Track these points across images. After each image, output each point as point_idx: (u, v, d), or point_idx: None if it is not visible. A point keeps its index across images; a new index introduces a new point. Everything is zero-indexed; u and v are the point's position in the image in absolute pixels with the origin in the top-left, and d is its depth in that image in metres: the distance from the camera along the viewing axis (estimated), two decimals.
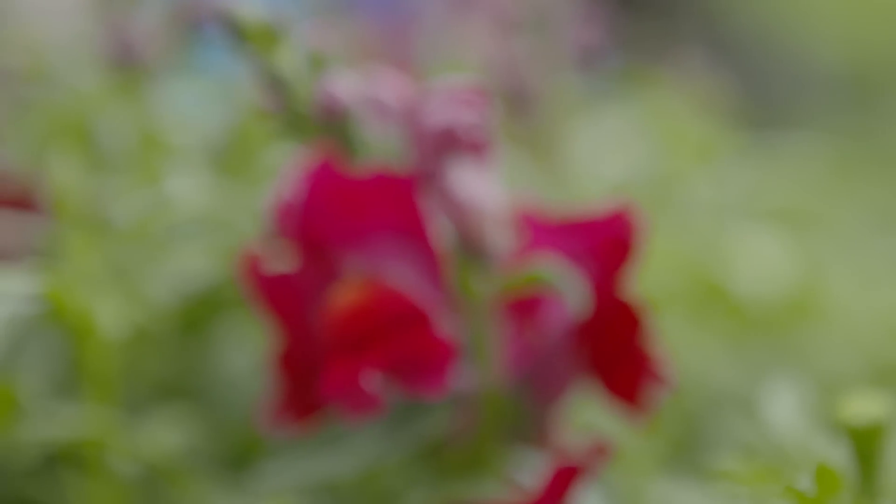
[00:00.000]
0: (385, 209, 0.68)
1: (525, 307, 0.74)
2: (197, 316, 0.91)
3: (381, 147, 0.72)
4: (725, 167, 1.26)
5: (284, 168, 0.75)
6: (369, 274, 0.68)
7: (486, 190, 0.72)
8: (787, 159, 1.45)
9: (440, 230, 0.71)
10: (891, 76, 3.32)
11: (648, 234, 0.73)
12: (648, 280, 0.82)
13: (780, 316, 1.10)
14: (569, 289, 0.69)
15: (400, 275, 0.69)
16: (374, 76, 0.74)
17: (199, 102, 0.98)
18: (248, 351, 0.93)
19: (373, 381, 0.66)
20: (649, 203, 1.11)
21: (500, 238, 0.72)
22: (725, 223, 1.22)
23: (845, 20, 3.59)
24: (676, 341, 0.90)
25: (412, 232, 0.69)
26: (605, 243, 0.71)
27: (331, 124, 0.70)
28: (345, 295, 0.68)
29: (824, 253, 1.27)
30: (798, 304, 1.10)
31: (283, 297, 0.72)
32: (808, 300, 1.11)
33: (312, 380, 0.73)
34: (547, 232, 0.74)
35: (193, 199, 0.82)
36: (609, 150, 1.05)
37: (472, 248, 0.71)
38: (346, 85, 0.70)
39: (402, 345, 0.67)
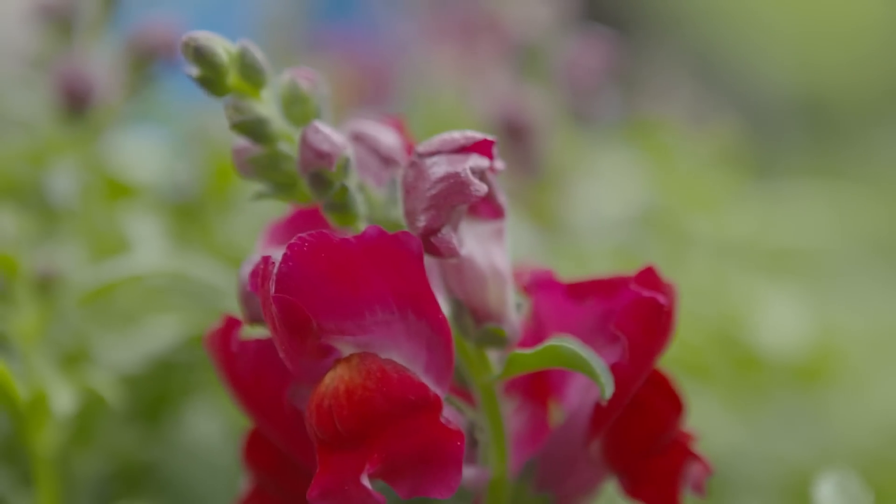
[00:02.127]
0: (382, 277, 0.58)
1: (542, 389, 0.65)
2: (163, 389, 0.82)
3: (375, 205, 0.62)
4: (727, 209, 1.18)
5: (264, 229, 0.65)
6: (366, 353, 0.58)
7: (497, 253, 0.63)
8: (786, 199, 1.38)
9: (445, 301, 0.62)
10: (844, 97, 3.28)
11: (678, 298, 0.63)
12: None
13: (799, 375, 1.02)
14: (591, 367, 0.59)
15: (401, 354, 0.59)
16: (366, 123, 0.65)
17: (160, 150, 0.88)
18: (219, 426, 0.83)
19: (371, 480, 0.56)
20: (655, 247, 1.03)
21: (513, 309, 0.62)
22: (733, 268, 1.14)
23: (798, 45, 3.55)
24: (702, 409, 0.81)
25: (414, 304, 0.59)
26: (632, 311, 0.62)
27: (318, 178, 0.60)
28: (338, 378, 0.58)
29: (834, 299, 1.20)
30: (815, 364, 1.02)
31: (259, 378, 0.63)
32: (825, 360, 1.03)
33: (292, 476, 0.63)
34: (564, 300, 0.64)
35: (159, 262, 0.72)
36: (612, 193, 0.97)
37: (481, 320, 0.62)
38: (336, 133, 0.61)
39: (406, 436, 0.57)
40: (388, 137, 0.64)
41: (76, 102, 0.75)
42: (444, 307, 0.61)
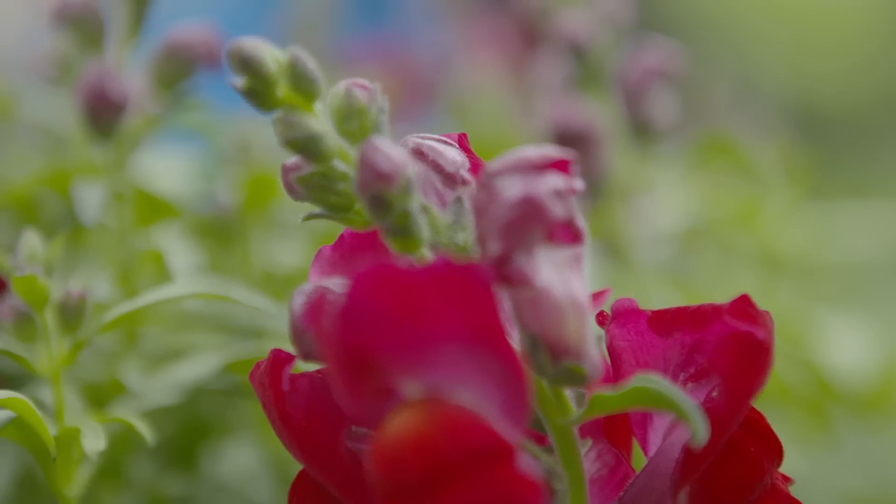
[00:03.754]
0: (452, 313, 0.52)
1: (621, 430, 0.59)
2: (196, 419, 0.76)
3: (439, 229, 0.56)
4: (782, 223, 1.13)
5: (317, 257, 0.60)
6: (433, 395, 0.53)
7: (575, 281, 0.57)
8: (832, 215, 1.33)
9: (519, 337, 0.56)
10: (838, 106, 3.23)
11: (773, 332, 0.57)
12: None
13: (862, 404, 0.96)
14: (684, 409, 0.53)
15: (471, 395, 0.53)
16: (427, 138, 0.59)
17: (196, 165, 0.83)
18: (256, 460, 0.78)
19: None
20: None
21: (594, 343, 0.57)
22: (787, 285, 1.09)
23: (791, 53, 3.50)
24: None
25: (485, 341, 0.53)
26: (727, 347, 0.56)
27: (378, 200, 0.55)
28: (402, 423, 0.52)
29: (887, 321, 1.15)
30: (880, 392, 0.97)
31: (312, 419, 0.57)
32: (890, 388, 0.98)
33: None
34: (647, 332, 0.58)
35: (195, 285, 0.66)
36: (670, 209, 0.92)
37: (558, 357, 0.56)
38: (397, 151, 0.55)
39: (479, 488, 0.51)
40: (452, 154, 0.59)
41: (106, 115, 0.69)
42: (518, 342, 0.55)
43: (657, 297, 0.86)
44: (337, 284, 0.56)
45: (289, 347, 0.74)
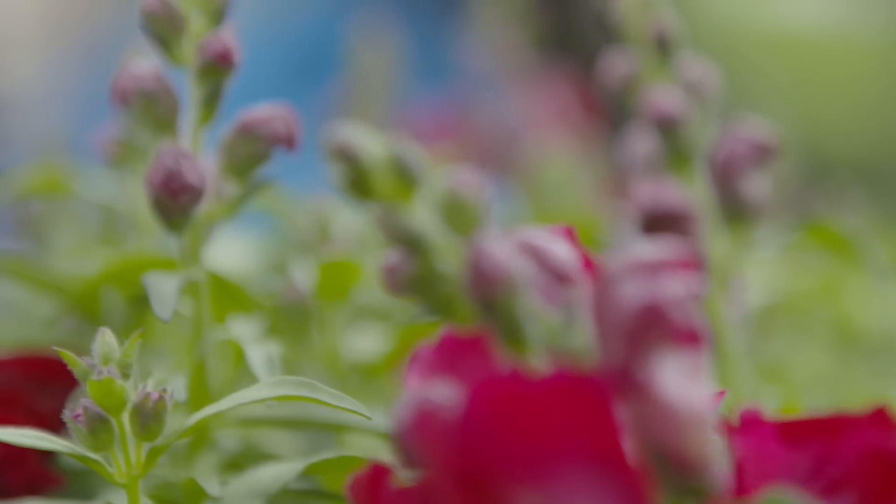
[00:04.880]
0: (570, 426, 0.48)
1: None
2: None
3: (549, 331, 0.52)
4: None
5: (417, 359, 0.56)
6: None
7: (697, 390, 0.52)
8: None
9: (641, 450, 0.52)
10: (845, 148, 3.18)
11: None
12: None
13: None
14: None
15: None
16: (534, 233, 0.55)
17: (271, 247, 0.79)
18: None
19: None
20: None
21: (716, 456, 0.52)
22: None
23: (796, 95, 3.45)
24: None
25: (603, 455, 0.49)
26: (865, 463, 0.52)
27: (486, 301, 0.51)
28: None
29: None
30: None
31: None
32: None
33: None
34: (774, 443, 0.54)
35: (274, 387, 0.62)
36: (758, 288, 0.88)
37: (679, 471, 0.52)
38: (505, 250, 0.51)
39: None
40: (560, 250, 0.55)
41: (184, 200, 0.65)
42: (636, 454, 0.51)
43: (747, 384, 0.82)
44: (443, 392, 0.52)
45: (373, 446, 0.70)
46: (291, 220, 0.85)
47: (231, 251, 0.85)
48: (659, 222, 0.78)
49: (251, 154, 0.71)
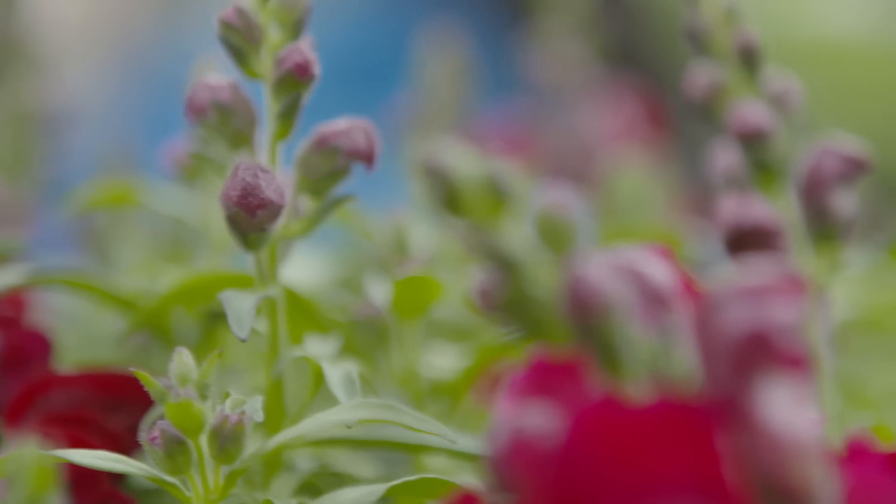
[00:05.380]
0: (672, 455, 0.46)
1: None
2: None
3: (647, 355, 0.50)
4: None
5: (509, 385, 0.54)
6: None
7: (801, 418, 0.50)
8: None
9: (745, 481, 0.50)
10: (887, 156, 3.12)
11: None
12: None
13: None
14: None
15: None
16: (629, 253, 0.53)
17: (346, 263, 0.78)
18: None
19: None
20: None
21: (821, 486, 0.50)
22: None
23: (834, 99, 3.37)
24: None
25: (705, 486, 0.47)
26: None
27: (583, 325, 0.49)
28: None
29: None
30: None
31: None
32: None
33: None
34: (881, 474, 0.52)
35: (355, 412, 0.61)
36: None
37: (783, 501, 0.50)
38: (602, 273, 0.49)
39: None
40: (657, 272, 0.53)
41: (262, 217, 0.63)
42: (739, 485, 0.49)
43: (834, 406, 0.80)
44: (539, 419, 0.50)
45: (449, 466, 0.68)
46: (366, 235, 0.83)
47: (302, 267, 0.83)
48: (746, 239, 0.75)
49: (329, 169, 0.69)
